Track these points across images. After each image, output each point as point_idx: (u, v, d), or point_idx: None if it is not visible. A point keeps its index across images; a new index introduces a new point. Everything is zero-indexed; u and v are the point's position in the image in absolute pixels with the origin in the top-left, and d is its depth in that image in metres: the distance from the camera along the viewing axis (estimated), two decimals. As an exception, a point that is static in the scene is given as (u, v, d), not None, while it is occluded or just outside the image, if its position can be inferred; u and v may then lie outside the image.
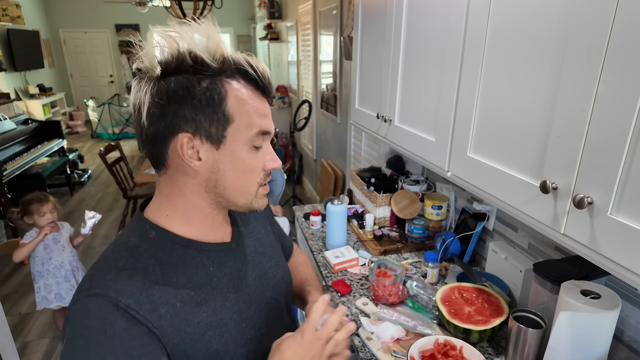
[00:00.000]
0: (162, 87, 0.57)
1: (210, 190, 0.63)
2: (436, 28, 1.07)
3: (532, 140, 0.76)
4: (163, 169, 0.62)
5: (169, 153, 0.60)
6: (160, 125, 0.58)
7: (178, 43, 0.57)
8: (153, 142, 0.60)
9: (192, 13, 4.50)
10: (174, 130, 0.58)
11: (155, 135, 0.59)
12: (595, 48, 0.60)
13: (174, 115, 0.57)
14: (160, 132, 0.58)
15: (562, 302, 0.85)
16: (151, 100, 0.57)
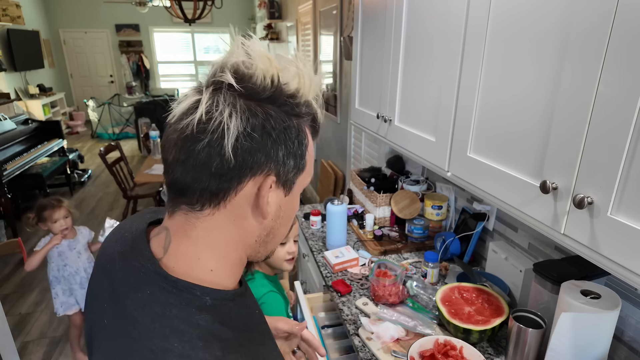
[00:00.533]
0: (255, 116, 0.46)
1: (260, 239, 0.54)
2: (436, 28, 1.07)
3: (532, 140, 0.76)
4: (212, 208, 0.49)
5: (239, 193, 0.48)
6: (247, 160, 0.46)
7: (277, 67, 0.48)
8: (225, 176, 0.47)
9: (192, 13, 4.50)
10: (260, 170, 0.48)
11: (233, 170, 0.46)
12: (596, 48, 0.60)
13: (265, 153, 0.47)
14: (243, 168, 0.47)
15: (562, 302, 0.85)
16: (242, 129, 0.45)
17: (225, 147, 0.45)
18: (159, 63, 8.97)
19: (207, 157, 0.45)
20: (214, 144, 0.45)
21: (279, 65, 0.48)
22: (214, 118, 0.45)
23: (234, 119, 0.45)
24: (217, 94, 0.46)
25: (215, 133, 0.45)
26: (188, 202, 0.49)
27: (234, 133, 0.45)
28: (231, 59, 0.48)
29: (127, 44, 8.56)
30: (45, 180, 3.88)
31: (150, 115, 5.95)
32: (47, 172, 3.98)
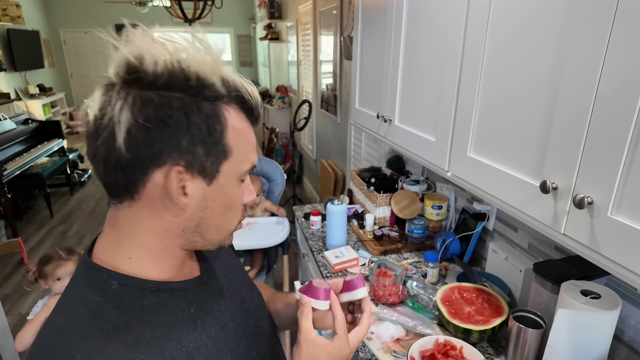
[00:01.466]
0: (149, 105, 0.45)
1: (189, 230, 0.53)
2: (436, 27, 1.07)
3: (533, 140, 0.76)
4: (128, 201, 0.50)
5: (147, 185, 0.48)
6: (143, 152, 0.46)
7: (170, 51, 0.46)
8: (126, 169, 0.47)
9: (192, 13, 4.50)
10: (162, 161, 0.46)
11: (132, 163, 0.46)
12: (596, 47, 0.60)
13: (165, 142, 0.46)
14: (142, 160, 0.46)
15: (562, 302, 0.85)
16: (132, 121, 0.44)
17: (117, 140, 0.45)
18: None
19: (107, 152, 0.46)
20: (108, 139, 0.45)
21: (171, 49, 0.46)
22: (107, 114, 0.45)
23: (125, 111, 0.44)
24: (110, 89, 0.46)
25: (108, 128, 0.45)
26: (110, 195, 0.52)
27: (125, 126, 0.44)
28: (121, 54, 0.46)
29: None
30: (45, 180, 3.88)
31: (150, 115, 5.94)
32: (47, 172, 3.98)
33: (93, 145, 0.47)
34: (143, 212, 0.50)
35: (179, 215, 0.51)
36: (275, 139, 5.07)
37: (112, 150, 0.46)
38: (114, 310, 0.48)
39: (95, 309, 0.47)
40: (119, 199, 0.51)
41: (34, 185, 3.95)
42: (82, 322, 0.46)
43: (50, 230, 3.73)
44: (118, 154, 0.45)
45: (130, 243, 0.52)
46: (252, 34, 8.81)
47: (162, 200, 0.49)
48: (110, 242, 0.52)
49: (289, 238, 2.23)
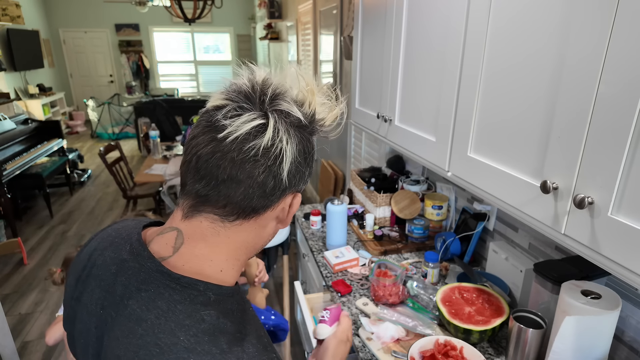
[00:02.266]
0: (303, 142, 0.51)
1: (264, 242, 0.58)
2: (437, 27, 1.07)
3: (533, 140, 0.76)
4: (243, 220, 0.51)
5: (274, 207, 0.52)
6: (292, 181, 0.51)
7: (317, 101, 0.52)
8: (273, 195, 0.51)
9: (192, 13, 4.50)
10: (297, 188, 0.54)
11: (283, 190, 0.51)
12: (596, 47, 0.60)
13: (302, 175, 0.53)
14: (290, 188, 0.52)
15: (562, 302, 0.85)
16: (295, 156, 0.50)
17: (283, 171, 0.49)
18: (158, 63, 8.96)
19: (265, 179, 0.49)
20: (274, 168, 0.49)
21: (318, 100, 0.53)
22: (276, 144, 0.48)
23: (290, 145, 0.49)
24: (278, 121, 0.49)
25: (277, 158, 0.48)
26: (222, 213, 0.50)
27: (289, 159, 0.49)
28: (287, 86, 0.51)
29: (127, 43, 8.55)
30: (45, 180, 3.88)
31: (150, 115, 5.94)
32: (46, 172, 3.98)
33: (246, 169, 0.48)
34: (249, 230, 0.53)
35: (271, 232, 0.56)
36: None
37: (272, 178, 0.49)
38: (226, 320, 0.48)
39: (215, 323, 0.47)
40: (235, 218, 0.51)
41: (34, 185, 3.94)
42: (213, 338, 0.46)
43: (50, 230, 3.73)
44: (276, 181, 0.50)
45: (224, 258, 0.53)
46: (252, 33, 8.80)
47: (273, 219, 0.54)
48: (200, 256, 0.51)
49: (289, 238, 2.23)
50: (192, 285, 0.48)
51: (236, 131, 0.47)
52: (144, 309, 0.46)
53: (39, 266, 3.11)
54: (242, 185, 0.48)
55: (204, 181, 0.49)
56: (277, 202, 0.52)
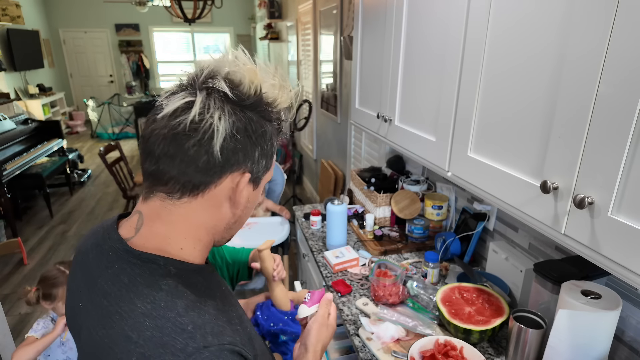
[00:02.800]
0: (242, 120, 0.52)
1: (229, 227, 0.60)
2: (436, 27, 1.07)
3: (533, 140, 0.76)
4: (189, 197, 0.53)
5: (217, 185, 0.53)
6: (230, 158, 0.52)
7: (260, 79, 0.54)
8: (210, 171, 0.52)
9: (192, 13, 4.50)
10: (239, 168, 0.54)
11: (217, 166, 0.52)
12: (596, 48, 0.60)
13: (245, 152, 0.53)
14: (226, 166, 0.53)
15: (562, 302, 0.85)
16: (229, 131, 0.51)
17: (214, 146, 0.50)
18: (158, 63, 8.96)
19: (196, 154, 0.51)
20: (204, 142, 0.50)
21: (262, 77, 0.55)
22: (205, 119, 0.50)
23: (223, 121, 0.51)
24: (209, 98, 0.51)
25: (207, 133, 0.50)
26: (167, 190, 0.53)
27: (222, 134, 0.51)
28: (223, 67, 0.53)
29: (127, 43, 8.55)
30: (45, 180, 3.88)
31: (150, 115, 5.94)
32: (46, 172, 3.97)
33: (177, 144, 0.50)
34: (200, 209, 0.55)
35: (230, 214, 0.58)
36: (275, 139, 5.05)
37: (204, 154, 0.51)
38: (187, 289, 0.52)
39: (172, 291, 0.51)
40: (180, 195, 0.53)
41: (34, 185, 3.94)
42: (170, 303, 0.49)
43: (50, 230, 3.73)
44: (210, 157, 0.51)
45: (182, 237, 0.55)
46: (252, 33, 8.80)
47: (222, 200, 0.55)
48: (159, 234, 0.55)
49: (289, 238, 2.23)
50: (152, 260, 0.53)
51: (167, 108, 0.51)
52: (110, 284, 0.51)
53: (39, 266, 3.11)
54: (176, 160, 0.51)
55: (147, 159, 0.52)
56: (218, 180, 0.53)
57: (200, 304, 0.52)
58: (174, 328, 0.47)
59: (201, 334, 0.48)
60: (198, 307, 0.51)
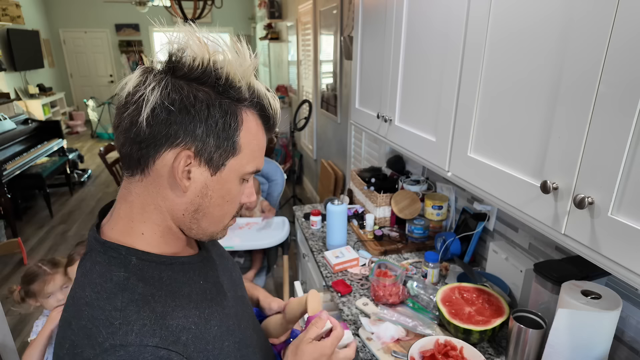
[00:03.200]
0: (177, 92, 0.51)
1: (188, 214, 0.57)
2: (437, 27, 1.07)
3: (533, 140, 0.76)
4: (140, 174, 0.54)
5: (157, 162, 0.53)
6: (161, 130, 0.51)
7: (209, 52, 0.52)
8: (142, 143, 0.51)
9: (192, 13, 4.50)
10: (175, 142, 0.51)
11: (149, 138, 0.51)
12: (596, 48, 0.60)
13: (182, 127, 0.51)
14: (158, 138, 0.51)
15: (562, 302, 0.85)
16: (159, 101, 0.50)
17: (141, 116, 0.50)
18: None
19: (129, 125, 0.51)
20: (133, 112, 0.51)
21: (211, 50, 0.53)
22: (139, 91, 0.51)
23: (155, 92, 0.50)
24: (149, 72, 0.52)
25: (137, 104, 0.50)
26: (124, 167, 0.55)
27: (151, 104, 0.50)
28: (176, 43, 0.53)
29: (127, 43, 8.55)
30: (45, 180, 3.88)
31: (150, 115, 5.94)
32: (47, 172, 3.97)
33: (119, 117, 0.53)
34: (151, 188, 0.55)
35: (180, 197, 0.55)
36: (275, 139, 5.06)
37: (134, 124, 0.51)
38: (139, 282, 0.52)
39: (121, 283, 0.51)
40: (132, 172, 0.54)
41: (34, 185, 3.94)
42: (112, 295, 0.50)
43: (50, 230, 3.73)
44: (138, 128, 0.51)
45: (141, 218, 0.56)
46: (252, 33, 8.80)
47: (168, 179, 0.54)
48: (123, 216, 0.56)
49: (289, 238, 2.23)
50: (114, 248, 0.54)
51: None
52: (79, 271, 0.55)
53: (39, 266, 3.11)
54: (118, 132, 0.53)
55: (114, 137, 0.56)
56: (156, 154, 0.52)
57: (149, 299, 0.52)
58: (104, 321, 0.48)
59: (125, 331, 0.47)
60: (143, 302, 0.51)
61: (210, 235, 0.62)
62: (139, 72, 0.52)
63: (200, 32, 0.54)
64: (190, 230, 0.59)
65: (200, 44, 0.52)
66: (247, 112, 0.56)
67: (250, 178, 0.62)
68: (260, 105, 0.57)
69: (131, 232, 0.55)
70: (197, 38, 0.52)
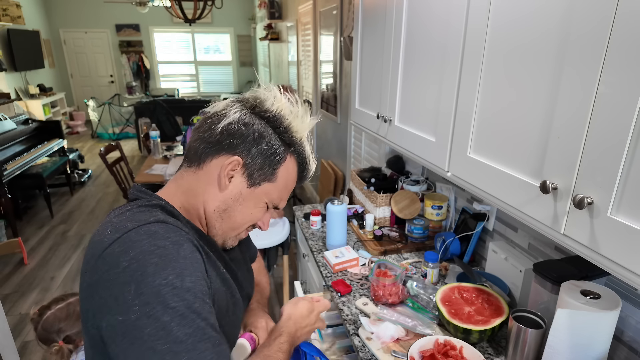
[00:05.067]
0: (250, 120, 0.68)
1: (218, 211, 0.70)
2: (436, 28, 1.07)
3: (532, 140, 0.76)
4: (195, 167, 0.69)
5: (213, 161, 0.68)
6: (228, 139, 0.66)
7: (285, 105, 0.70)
8: (210, 144, 0.67)
9: (192, 13, 4.50)
10: (233, 151, 0.67)
11: (216, 142, 0.67)
12: (595, 48, 0.60)
13: (243, 142, 0.67)
14: (223, 144, 0.67)
15: (562, 302, 0.85)
16: (236, 120, 0.67)
17: (220, 125, 0.67)
18: (159, 63, 8.96)
19: (207, 128, 0.68)
20: (214, 121, 0.68)
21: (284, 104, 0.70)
22: (225, 110, 0.69)
23: (236, 114, 0.68)
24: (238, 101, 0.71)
25: (219, 116, 0.68)
26: (186, 159, 0.71)
27: (229, 119, 0.67)
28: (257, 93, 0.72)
29: (127, 44, 8.55)
30: (46, 180, 3.88)
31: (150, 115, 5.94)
32: (47, 172, 3.98)
33: (202, 121, 0.70)
34: (200, 179, 0.69)
35: (219, 194, 0.69)
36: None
37: (211, 129, 0.67)
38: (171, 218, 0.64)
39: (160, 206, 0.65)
40: (190, 163, 0.70)
41: (34, 185, 3.94)
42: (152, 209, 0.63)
43: (51, 230, 3.73)
44: (213, 131, 0.67)
45: (183, 197, 0.70)
46: (252, 34, 8.81)
47: (215, 177, 0.68)
48: (170, 191, 0.71)
49: (289, 238, 2.23)
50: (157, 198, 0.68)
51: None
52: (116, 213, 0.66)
53: (39, 266, 3.11)
54: (196, 131, 0.70)
55: None
56: (215, 154, 0.67)
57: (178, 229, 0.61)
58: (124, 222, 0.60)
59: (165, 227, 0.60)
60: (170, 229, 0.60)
61: (224, 239, 0.74)
62: (231, 100, 0.71)
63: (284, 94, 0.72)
64: (212, 226, 0.71)
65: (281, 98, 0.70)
66: (291, 156, 0.72)
67: (272, 210, 0.76)
68: (302, 156, 0.74)
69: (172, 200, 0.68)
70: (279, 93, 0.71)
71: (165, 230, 0.58)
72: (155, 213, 0.62)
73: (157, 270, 0.53)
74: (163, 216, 0.62)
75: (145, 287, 0.52)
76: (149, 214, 0.61)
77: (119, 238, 0.56)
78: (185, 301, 0.54)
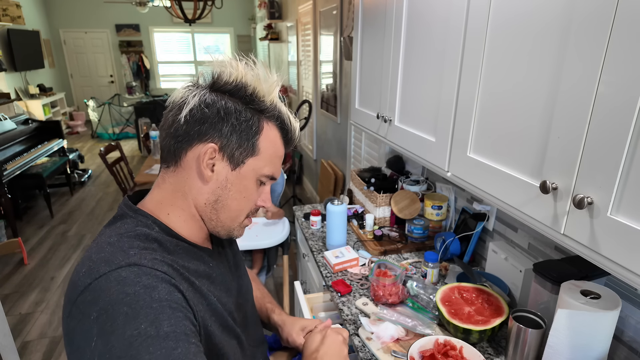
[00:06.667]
0: (213, 99, 0.63)
1: (209, 204, 0.66)
2: (436, 27, 1.07)
3: (532, 140, 0.76)
4: (173, 166, 0.65)
5: (188, 154, 0.64)
6: (194, 127, 0.63)
7: (244, 72, 0.65)
8: (179, 138, 0.63)
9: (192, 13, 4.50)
10: (204, 138, 0.63)
11: (184, 134, 0.63)
12: (596, 47, 0.60)
13: (211, 125, 0.63)
14: (191, 134, 0.63)
15: (562, 302, 0.85)
16: (197, 105, 0.62)
17: (182, 114, 0.63)
18: (159, 63, 8.96)
19: (171, 122, 0.64)
20: (175, 112, 0.64)
21: (243, 70, 0.65)
22: (184, 97, 0.64)
23: (195, 97, 0.63)
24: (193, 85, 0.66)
25: (179, 105, 0.64)
26: (162, 161, 0.67)
27: (190, 106, 0.63)
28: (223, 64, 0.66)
29: (127, 44, 8.55)
30: (46, 180, 3.88)
31: (150, 115, 5.95)
32: (47, 172, 3.97)
33: (164, 117, 0.66)
34: (181, 177, 0.65)
35: (204, 186, 0.65)
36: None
37: (175, 121, 0.63)
38: (155, 242, 0.61)
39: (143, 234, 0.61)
40: (167, 164, 0.66)
41: (34, 185, 3.94)
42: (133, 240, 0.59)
43: (50, 230, 3.73)
44: (177, 124, 0.63)
45: (169, 202, 0.66)
46: (252, 34, 8.80)
47: (196, 170, 0.64)
48: (155, 199, 0.67)
49: (289, 238, 2.23)
50: (144, 215, 0.64)
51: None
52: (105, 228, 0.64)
53: (39, 266, 3.11)
54: (162, 130, 0.66)
55: None
56: (188, 146, 0.63)
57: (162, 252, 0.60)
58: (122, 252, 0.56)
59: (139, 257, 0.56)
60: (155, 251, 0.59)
61: (228, 230, 0.70)
62: (186, 85, 0.66)
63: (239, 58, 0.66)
64: (210, 221, 0.68)
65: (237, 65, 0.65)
66: (268, 122, 0.67)
67: (267, 183, 0.71)
68: (280, 119, 0.69)
69: (159, 210, 0.65)
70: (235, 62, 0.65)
71: (135, 275, 0.53)
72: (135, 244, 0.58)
73: (127, 320, 0.49)
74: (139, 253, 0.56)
75: (116, 340, 0.48)
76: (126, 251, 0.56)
77: (90, 285, 0.52)
78: (164, 349, 0.49)
